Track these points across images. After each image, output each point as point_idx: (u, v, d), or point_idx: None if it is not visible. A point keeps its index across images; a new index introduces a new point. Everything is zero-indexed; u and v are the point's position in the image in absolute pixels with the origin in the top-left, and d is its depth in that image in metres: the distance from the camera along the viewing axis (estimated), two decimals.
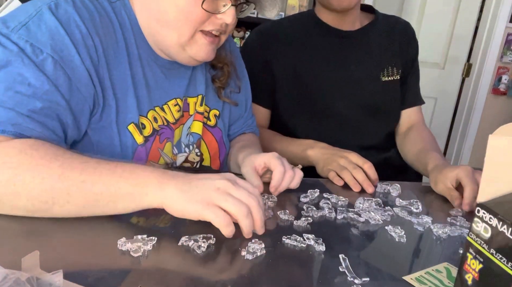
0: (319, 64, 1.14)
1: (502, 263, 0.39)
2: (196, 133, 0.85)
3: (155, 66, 0.77)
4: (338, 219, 0.69)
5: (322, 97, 1.14)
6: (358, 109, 1.16)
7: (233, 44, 0.99)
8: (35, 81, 0.59)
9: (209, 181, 0.57)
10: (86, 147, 0.70)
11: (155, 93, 0.77)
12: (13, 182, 0.52)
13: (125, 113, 0.72)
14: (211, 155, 0.88)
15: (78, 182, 0.54)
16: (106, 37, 0.68)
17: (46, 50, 0.61)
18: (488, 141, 0.44)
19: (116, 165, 0.57)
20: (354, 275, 0.51)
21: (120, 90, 0.71)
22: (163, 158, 0.78)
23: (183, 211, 0.55)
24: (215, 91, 0.90)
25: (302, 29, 1.17)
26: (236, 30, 2.67)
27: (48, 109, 0.60)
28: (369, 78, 1.15)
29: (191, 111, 0.85)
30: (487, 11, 2.92)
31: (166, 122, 0.78)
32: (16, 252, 0.47)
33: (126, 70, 0.72)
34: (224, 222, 0.54)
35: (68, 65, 0.63)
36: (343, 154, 0.94)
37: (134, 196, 0.56)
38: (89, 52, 0.65)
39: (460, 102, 3.14)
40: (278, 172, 0.72)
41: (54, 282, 0.39)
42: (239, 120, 1.00)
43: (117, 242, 0.51)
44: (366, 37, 1.15)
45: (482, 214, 0.42)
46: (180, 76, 0.82)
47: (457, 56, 3.00)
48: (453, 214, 0.77)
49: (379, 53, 1.16)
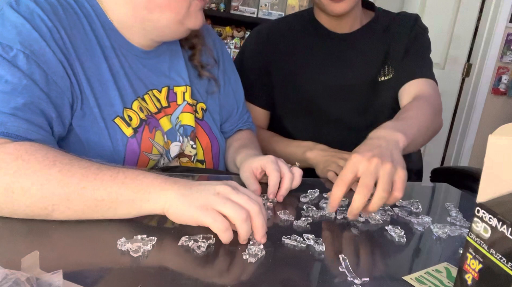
0: (315, 67, 1.13)
1: (502, 263, 0.39)
2: (189, 125, 0.84)
3: (130, 56, 0.77)
4: (338, 219, 0.69)
5: (318, 100, 1.14)
6: (355, 112, 1.15)
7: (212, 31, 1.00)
8: (11, 77, 0.59)
9: (210, 186, 0.56)
10: (76, 146, 0.69)
11: (136, 82, 0.77)
12: (11, 189, 0.52)
13: (109, 107, 0.71)
14: (203, 147, 0.87)
15: (79, 188, 0.53)
16: (72, 30, 0.68)
17: (16, 46, 0.60)
18: (488, 141, 0.44)
19: (118, 171, 0.56)
20: (354, 275, 0.51)
21: (99, 83, 0.71)
22: (155, 148, 0.77)
23: (183, 217, 0.55)
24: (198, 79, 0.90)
25: (299, 30, 1.16)
26: (236, 30, 2.68)
27: (31, 105, 0.60)
28: (365, 81, 1.13)
29: (179, 101, 0.84)
30: (487, 11, 2.92)
31: (149, 112, 0.78)
32: (15, 252, 0.47)
33: (102, 63, 0.72)
34: (222, 226, 0.52)
35: (41, 59, 0.62)
36: (342, 155, 0.94)
37: (135, 202, 0.55)
38: (58, 45, 0.65)
39: (460, 102, 3.14)
40: (273, 177, 0.72)
41: (54, 282, 0.39)
42: (233, 117, 0.99)
43: (117, 242, 0.51)
44: (362, 39, 1.14)
45: (482, 214, 0.42)
46: (158, 65, 0.82)
47: (457, 56, 3.00)
48: (453, 215, 0.77)
49: (376, 54, 1.14)
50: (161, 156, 0.79)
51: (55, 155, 0.55)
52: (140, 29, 0.76)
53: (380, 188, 0.63)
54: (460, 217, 0.75)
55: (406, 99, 1.04)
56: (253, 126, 1.07)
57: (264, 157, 0.76)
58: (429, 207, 0.83)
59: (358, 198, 0.62)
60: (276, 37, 1.16)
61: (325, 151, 1.01)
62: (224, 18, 2.57)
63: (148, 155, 0.75)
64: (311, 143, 1.06)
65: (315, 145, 1.05)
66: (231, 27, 2.67)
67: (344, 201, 0.77)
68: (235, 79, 1.02)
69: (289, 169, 0.75)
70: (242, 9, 2.58)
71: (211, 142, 0.89)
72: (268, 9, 2.62)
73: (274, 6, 2.63)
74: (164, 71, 0.83)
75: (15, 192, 0.52)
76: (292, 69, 1.14)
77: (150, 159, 0.76)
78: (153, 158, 0.77)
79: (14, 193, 0.52)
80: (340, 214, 0.70)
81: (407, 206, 0.78)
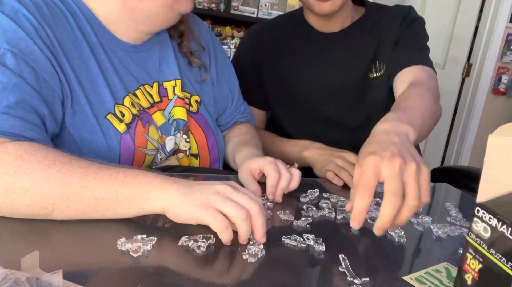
0: (304, 67, 1.13)
1: (502, 263, 0.39)
2: (181, 119, 0.84)
3: (119, 52, 0.77)
4: (338, 219, 0.69)
5: (309, 100, 1.14)
6: (347, 110, 1.14)
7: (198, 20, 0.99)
8: (1, 77, 0.59)
9: (210, 185, 0.56)
10: (71, 144, 0.69)
11: (126, 78, 0.77)
12: (11, 189, 0.52)
13: (100, 104, 0.71)
14: (197, 141, 0.87)
15: (79, 187, 0.53)
16: (58, 28, 0.68)
17: (3, 45, 0.60)
18: (488, 141, 0.44)
19: (118, 170, 0.56)
20: (354, 275, 0.51)
21: (89, 80, 0.71)
22: (150, 142, 0.77)
23: (183, 216, 0.55)
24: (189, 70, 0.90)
25: (290, 30, 1.16)
26: (236, 30, 2.68)
27: (22, 103, 0.60)
28: (356, 79, 1.12)
29: (170, 95, 0.84)
30: (487, 11, 2.92)
31: (141, 107, 0.78)
32: (15, 252, 0.47)
33: (90, 60, 0.72)
34: (222, 225, 0.53)
35: (29, 57, 0.62)
36: (339, 154, 0.94)
37: (135, 201, 0.55)
38: (45, 43, 0.65)
39: (460, 102, 3.14)
40: (271, 178, 0.72)
41: (54, 282, 0.39)
42: (228, 109, 0.99)
43: (117, 242, 0.51)
44: (352, 37, 1.11)
45: (481, 214, 0.42)
46: (148, 59, 0.82)
47: (457, 56, 3.00)
48: (453, 215, 0.77)
49: (366, 51, 1.11)
50: (157, 151, 0.79)
51: (55, 155, 0.56)
52: (130, 21, 0.75)
53: (410, 196, 0.53)
54: (460, 217, 0.75)
55: (401, 88, 0.95)
56: (252, 118, 1.07)
57: (262, 158, 0.76)
58: (429, 206, 0.83)
59: (387, 210, 0.52)
60: (266, 38, 1.17)
61: (322, 149, 1.00)
62: (224, 18, 2.57)
63: (143, 150, 0.75)
64: (307, 142, 1.06)
65: (311, 143, 1.04)
66: (231, 27, 2.67)
67: (344, 201, 0.77)
68: (228, 70, 1.01)
69: (287, 169, 0.74)
70: (242, 9, 2.58)
71: (206, 135, 0.89)
72: (268, 9, 2.62)
73: (274, 6, 2.63)
74: (154, 65, 0.83)
75: (15, 191, 0.52)
76: (283, 70, 1.14)
77: (146, 154, 0.76)
78: (149, 153, 0.77)
79: (14, 193, 0.52)
80: (340, 214, 0.70)
81: None
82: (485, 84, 3.01)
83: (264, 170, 0.74)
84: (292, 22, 1.18)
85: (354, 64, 1.12)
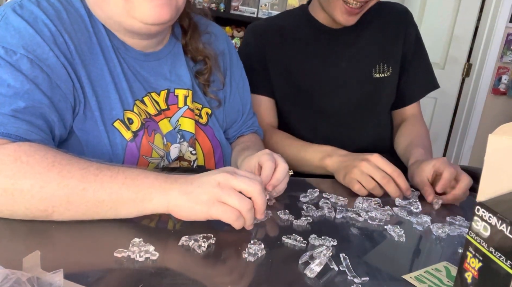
0: (310, 62, 1.14)
1: (501, 262, 0.39)
2: (188, 131, 0.83)
3: (128, 58, 0.77)
4: (338, 218, 0.69)
5: (315, 95, 1.14)
6: (352, 106, 1.15)
7: (223, 40, 0.97)
8: (14, 82, 0.59)
9: (209, 177, 0.57)
10: (76, 147, 0.69)
11: (135, 85, 0.76)
12: (10, 191, 0.52)
13: (109, 111, 0.71)
14: (204, 153, 0.87)
15: (79, 190, 0.53)
16: (77, 34, 0.68)
17: (19, 51, 0.60)
18: (488, 141, 0.44)
19: (118, 171, 0.56)
20: (354, 274, 0.51)
21: (100, 87, 0.71)
22: (155, 151, 0.77)
23: (191, 215, 0.55)
24: (201, 88, 0.89)
25: (294, 26, 1.17)
26: (236, 30, 2.68)
27: (32, 109, 0.60)
28: (360, 75, 1.13)
29: (180, 103, 0.83)
30: (487, 11, 2.92)
31: (148, 115, 0.78)
32: (17, 252, 0.48)
33: (103, 66, 0.71)
34: (234, 216, 0.55)
35: (44, 63, 0.62)
36: (364, 156, 0.85)
37: (137, 202, 0.55)
38: (61, 49, 0.65)
39: (460, 102, 3.14)
40: (266, 167, 0.70)
41: (55, 281, 0.39)
42: (237, 123, 0.99)
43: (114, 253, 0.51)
44: (357, 34, 1.13)
45: (481, 213, 0.42)
46: (158, 68, 0.82)
47: (457, 56, 3.00)
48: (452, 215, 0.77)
49: (370, 50, 1.14)
50: (161, 158, 0.79)
51: (54, 155, 0.55)
52: (119, 27, 0.74)
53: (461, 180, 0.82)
54: (460, 216, 0.75)
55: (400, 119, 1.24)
56: (260, 130, 1.05)
57: (259, 152, 0.75)
58: (429, 206, 0.83)
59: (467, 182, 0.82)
60: (271, 32, 1.17)
61: (346, 156, 0.91)
62: (224, 18, 2.57)
63: (147, 158, 0.75)
64: (330, 148, 0.96)
65: (334, 150, 0.95)
66: (231, 27, 2.67)
67: (344, 201, 0.77)
68: (243, 84, 1.00)
69: (283, 160, 0.72)
70: (242, 9, 2.58)
71: (213, 147, 0.89)
72: (268, 9, 2.62)
73: (274, 6, 2.63)
74: (164, 74, 0.82)
75: (14, 194, 0.52)
76: (287, 65, 1.14)
77: (150, 162, 0.76)
78: (153, 161, 0.77)
79: (13, 195, 0.52)
80: (339, 214, 0.70)
81: (406, 206, 0.78)
82: (485, 84, 3.01)
83: (261, 161, 0.72)
84: (295, 17, 1.19)
85: (359, 61, 1.13)
